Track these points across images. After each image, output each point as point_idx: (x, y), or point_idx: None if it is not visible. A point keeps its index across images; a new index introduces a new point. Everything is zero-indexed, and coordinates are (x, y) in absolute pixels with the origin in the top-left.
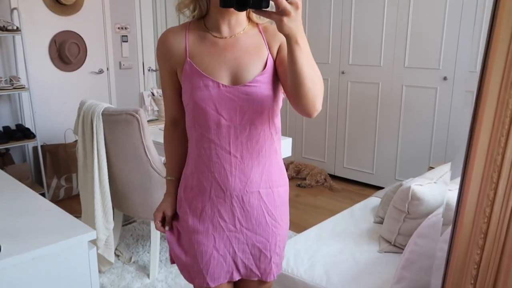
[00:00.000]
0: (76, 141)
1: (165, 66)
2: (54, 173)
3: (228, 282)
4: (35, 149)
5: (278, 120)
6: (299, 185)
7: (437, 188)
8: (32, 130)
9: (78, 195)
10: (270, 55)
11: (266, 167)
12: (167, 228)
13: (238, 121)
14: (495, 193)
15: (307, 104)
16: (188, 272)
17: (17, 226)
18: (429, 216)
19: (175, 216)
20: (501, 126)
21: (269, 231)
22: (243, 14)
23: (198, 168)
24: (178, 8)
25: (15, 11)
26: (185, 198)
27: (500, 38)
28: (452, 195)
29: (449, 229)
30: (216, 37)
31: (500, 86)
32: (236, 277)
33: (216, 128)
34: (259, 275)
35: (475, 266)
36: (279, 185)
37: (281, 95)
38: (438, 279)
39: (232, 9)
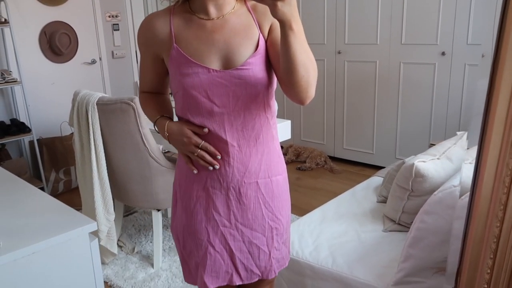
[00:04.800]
0: (72, 133)
1: (149, 51)
2: (52, 166)
3: (227, 285)
4: (31, 143)
5: (273, 103)
6: (299, 168)
7: (441, 164)
8: (27, 124)
9: (77, 188)
10: (261, 35)
11: (264, 155)
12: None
13: (231, 107)
14: None
15: (300, 92)
16: (189, 270)
17: (16, 221)
18: (435, 192)
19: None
20: None
21: (265, 225)
22: None
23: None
24: None
25: (2, 3)
26: (179, 190)
27: None
28: (468, 168)
29: (463, 205)
30: (203, 19)
31: None
32: (237, 281)
33: (209, 116)
34: (260, 274)
35: (495, 240)
36: (278, 173)
37: (275, 77)
38: (454, 256)
39: None
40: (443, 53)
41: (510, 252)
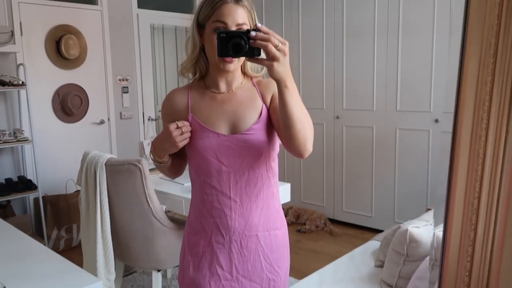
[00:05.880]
0: (77, 191)
1: (169, 120)
2: (54, 224)
3: None
4: (36, 200)
5: (275, 165)
6: (299, 230)
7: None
8: (34, 181)
9: (78, 246)
10: (264, 105)
11: (264, 210)
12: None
13: (237, 166)
14: (475, 234)
15: (299, 145)
16: None
17: (26, 281)
18: (426, 258)
19: (181, 273)
20: (475, 174)
21: (263, 277)
22: (238, 71)
23: (201, 213)
24: (181, 73)
25: (21, 66)
26: (187, 244)
27: (468, 84)
28: (439, 235)
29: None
30: (214, 92)
31: (471, 137)
32: None
33: (217, 175)
34: None
35: None
36: (276, 228)
37: (277, 141)
38: None
39: (228, 67)
40: (436, 120)
41: None
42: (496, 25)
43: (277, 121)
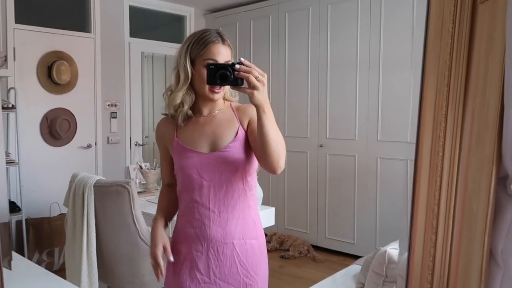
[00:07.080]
0: (61, 214)
1: (161, 144)
2: (36, 247)
3: None
4: (18, 223)
5: (251, 179)
6: (282, 256)
7: None
8: (18, 203)
9: (59, 270)
10: (241, 127)
11: (240, 219)
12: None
13: (216, 180)
14: (436, 236)
15: (272, 162)
16: None
17: None
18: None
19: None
20: (434, 183)
21: (240, 281)
22: (220, 99)
23: (183, 225)
24: (169, 105)
25: (12, 90)
26: (172, 250)
27: (427, 108)
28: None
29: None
30: (197, 117)
31: (430, 153)
32: None
33: (199, 189)
34: None
35: None
36: (252, 238)
37: (254, 158)
38: None
39: (215, 97)
40: None
41: None
42: (448, 60)
43: (254, 142)
